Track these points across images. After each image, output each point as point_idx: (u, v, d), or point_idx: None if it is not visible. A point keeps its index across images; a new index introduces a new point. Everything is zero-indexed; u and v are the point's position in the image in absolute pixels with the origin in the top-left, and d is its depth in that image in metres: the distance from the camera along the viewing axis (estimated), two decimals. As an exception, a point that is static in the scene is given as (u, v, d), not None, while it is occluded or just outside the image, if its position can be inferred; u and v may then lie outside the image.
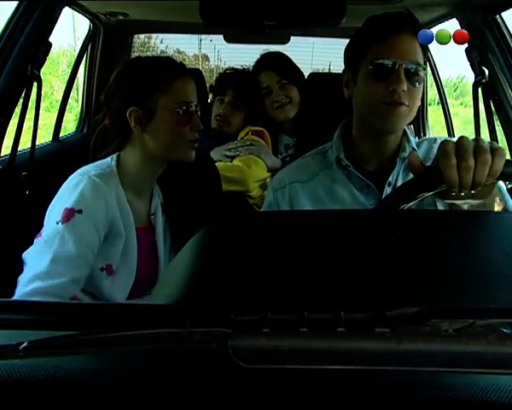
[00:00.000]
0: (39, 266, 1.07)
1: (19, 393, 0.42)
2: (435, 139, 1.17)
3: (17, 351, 0.42)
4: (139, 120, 1.19)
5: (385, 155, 1.12)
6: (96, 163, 1.22)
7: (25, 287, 1.06)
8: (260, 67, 1.96)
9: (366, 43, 1.07)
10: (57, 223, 1.10)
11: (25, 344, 0.43)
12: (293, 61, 2.04)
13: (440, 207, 1.02)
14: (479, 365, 0.39)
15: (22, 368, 0.43)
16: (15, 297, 1.07)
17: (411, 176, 1.10)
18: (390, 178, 1.10)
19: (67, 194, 1.13)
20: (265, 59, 2.01)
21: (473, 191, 0.80)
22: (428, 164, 1.09)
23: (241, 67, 2.01)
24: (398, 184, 1.10)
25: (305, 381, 0.40)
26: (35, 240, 1.15)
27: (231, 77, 1.96)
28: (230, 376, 0.40)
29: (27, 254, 1.14)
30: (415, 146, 1.12)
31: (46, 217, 1.15)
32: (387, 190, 1.10)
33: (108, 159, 1.23)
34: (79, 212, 1.10)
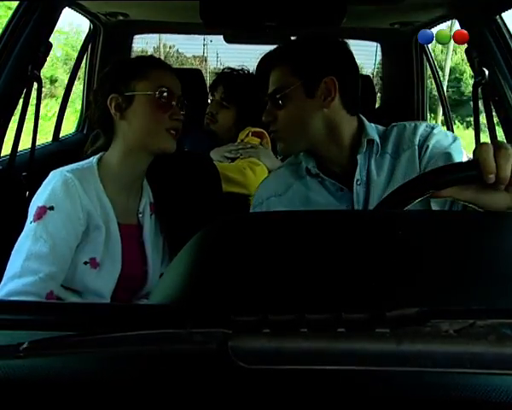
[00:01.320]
0: (13, 268, 1.08)
1: (19, 393, 0.42)
2: (404, 125, 1.14)
3: (17, 351, 0.42)
4: (119, 107, 1.19)
5: (344, 157, 1.12)
6: (77, 163, 1.23)
7: (1, 290, 1.06)
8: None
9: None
10: (30, 223, 1.11)
11: (25, 344, 0.43)
12: None
13: (435, 208, 1.02)
14: (479, 365, 0.39)
15: (22, 368, 0.43)
16: None
17: (386, 166, 1.09)
18: (357, 176, 1.10)
19: (40, 192, 1.15)
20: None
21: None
22: (404, 153, 1.09)
23: (239, 67, 2.01)
24: (373, 177, 1.09)
25: (305, 381, 0.40)
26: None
27: (224, 76, 1.98)
28: (230, 376, 0.40)
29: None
30: (374, 136, 1.11)
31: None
32: (358, 188, 1.10)
33: (91, 158, 1.23)
34: (51, 208, 1.11)
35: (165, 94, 1.19)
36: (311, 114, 1.11)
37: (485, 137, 1.78)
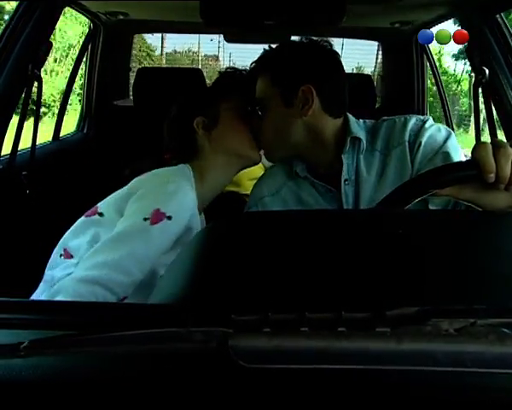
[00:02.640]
0: (112, 254, 1.03)
1: (19, 393, 0.42)
2: (394, 121, 1.12)
3: (17, 351, 0.42)
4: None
5: (328, 158, 1.12)
6: (183, 171, 1.22)
7: (89, 269, 1.02)
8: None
9: None
10: (145, 220, 1.07)
11: (25, 344, 0.43)
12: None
13: (432, 207, 1.02)
14: (479, 364, 0.39)
15: (22, 368, 0.42)
16: (76, 273, 1.03)
17: (377, 163, 1.08)
18: (345, 176, 1.09)
19: (162, 196, 1.11)
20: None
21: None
22: (395, 150, 1.07)
23: (242, 68, 2.01)
24: (363, 175, 1.08)
25: (305, 381, 0.40)
26: (90, 217, 1.15)
27: (224, 76, 1.97)
28: (231, 375, 0.40)
29: (77, 226, 1.15)
30: (357, 133, 1.09)
31: (128, 209, 1.12)
32: (347, 188, 1.09)
33: (184, 169, 1.23)
34: (169, 218, 1.08)
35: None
36: (290, 123, 1.11)
37: (485, 137, 1.78)
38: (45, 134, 2.31)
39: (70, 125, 2.71)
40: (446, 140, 1.06)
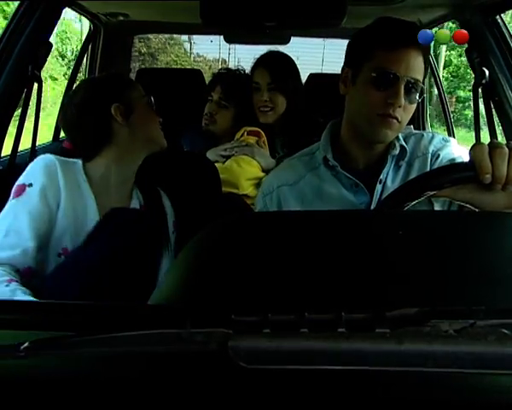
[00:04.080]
0: None
1: (19, 393, 0.42)
2: (422, 134, 1.16)
3: (17, 351, 0.42)
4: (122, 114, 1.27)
5: (374, 155, 1.12)
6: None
7: None
8: (258, 62, 1.95)
9: (373, 46, 1.06)
10: (10, 200, 1.16)
11: (25, 344, 0.43)
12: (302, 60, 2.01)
13: (437, 207, 1.02)
14: (479, 365, 0.39)
15: (23, 368, 0.43)
16: None
17: (401, 173, 1.10)
18: (381, 176, 1.10)
19: (23, 173, 1.20)
20: (266, 56, 1.99)
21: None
22: (418, 160, 1.10)
23: (235, 68, 2.02)
24: (389, 181, 1.10)
25: (305, 381, 0.40)
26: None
27: (221, 76, 1.97)
28: (231, 376, 0.40)
29: None
30: (403, 143, 1.11)
31: None
32: (378, 187, 1.10)
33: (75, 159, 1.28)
34: (30, 185, 1.16)
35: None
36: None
37: (485, 138, 1.78)
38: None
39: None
40: (462, 156, 1.08)
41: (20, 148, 1.71)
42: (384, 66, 1.03)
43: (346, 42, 1.17)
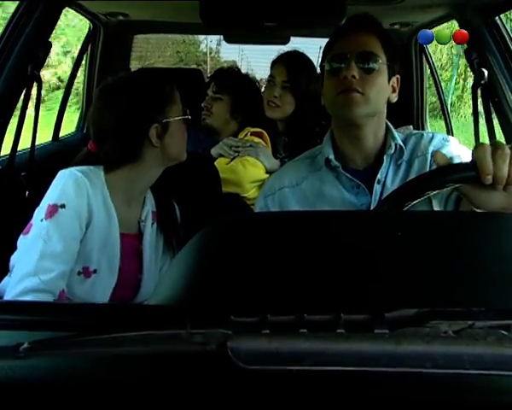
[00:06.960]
0: (28, 265, 1.09)
1: (19, 394, 0.42)
2: (422, 134, 1.17)
3: (17, 352, 0.42)
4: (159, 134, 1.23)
5: (370, 154, 1.13)
6: (83, 166, 1.23)
7: (16, 287, 1.08)
8: (279, 58, 1.97)
9: (329, 43, 1.13)
10: (41, 220, 1.13)
11: (25, 345, 0.43)
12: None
13: (436, 208, 1.02)
14: (478, 366, 0.39)
15: (22, 368, 0.43)
16: (6, 298, 1.08)
17: (401, 173, 1.10)
18: (379, 176, 1.10)
19: (51, 191, 1.16)
20: (288, 54, 2.00)
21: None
22: (418, 160, 1.11)
23: (231, 66, 2.10)
24: (388, 181, 1.11)
25: (304, 382, 0.40)
26: (18, 241, 1.17)
27: (214, 74, 2.07)
28: (230, 377, 0.40)
29: (14, 257, 1.17)
30: (400, 142, 1.12)
31: (33, 218, 1.17)
32: (377, 188, 1.10)
33: (95, 167, 1.23)
34: (62, 206, 1.13)
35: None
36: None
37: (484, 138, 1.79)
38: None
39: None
40: (461, 155, 1.08)
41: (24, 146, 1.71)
42: (336, 52, 1.09)
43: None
